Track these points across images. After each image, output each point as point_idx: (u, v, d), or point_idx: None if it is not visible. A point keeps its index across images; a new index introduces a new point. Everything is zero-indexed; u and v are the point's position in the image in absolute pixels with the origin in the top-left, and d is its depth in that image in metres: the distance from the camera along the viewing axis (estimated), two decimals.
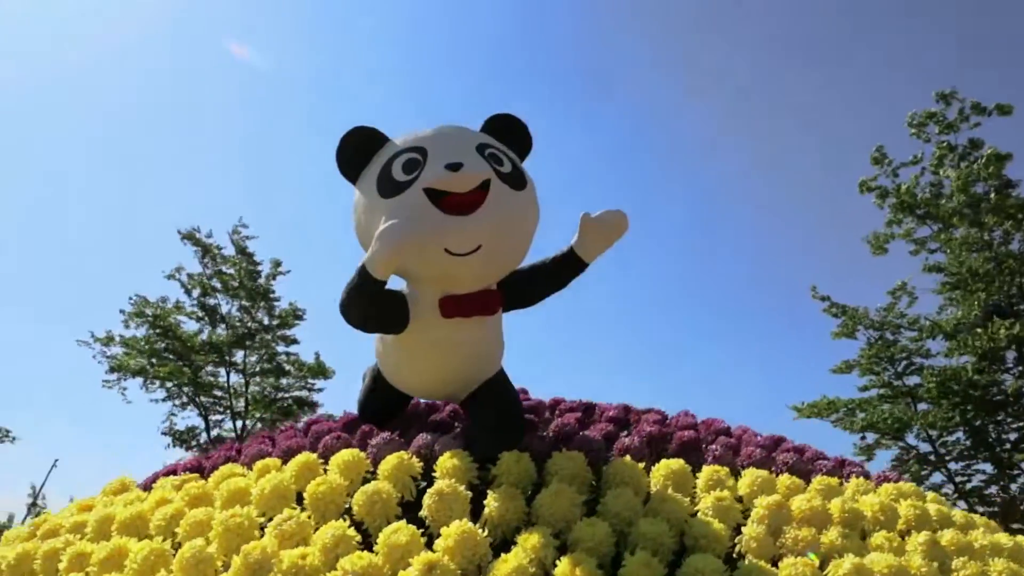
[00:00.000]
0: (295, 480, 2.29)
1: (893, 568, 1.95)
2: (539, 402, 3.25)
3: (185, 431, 15.82)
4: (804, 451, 2.90)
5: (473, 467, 2.23)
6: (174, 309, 15.47)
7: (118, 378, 14.96)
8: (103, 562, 2.03)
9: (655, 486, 2.25)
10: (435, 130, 2.30)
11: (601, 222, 2.40)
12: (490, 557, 1.87)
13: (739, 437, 2.99)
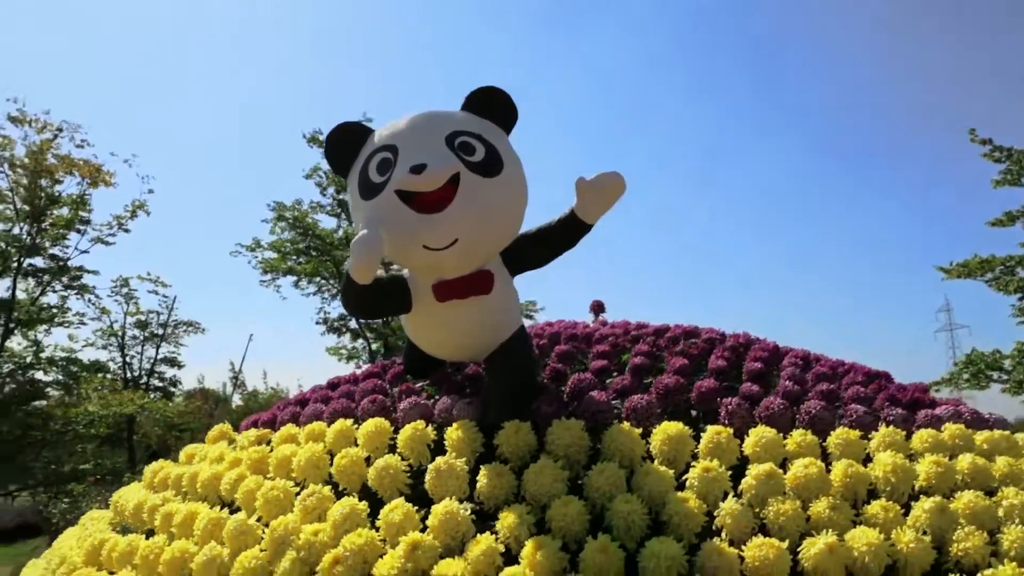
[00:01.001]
0: (334, 444, 2.61)
1: (874, 545, 1.93)
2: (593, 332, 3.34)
3: (337, 319, 17.45)
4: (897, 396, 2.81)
5: (479, 438, 2.41)
6: (310, 210, 16.63)
7: (272, 278, 16.62)
8: (180, 525, 2.49)
9: (657, 452, 2.31)
10: (407, 123, 2.30)
11: (596, 185, 2.35)
12: (473, 532, 2.07)
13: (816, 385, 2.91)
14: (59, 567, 2.76)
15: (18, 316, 15.05)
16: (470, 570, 1.92)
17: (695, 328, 3.90)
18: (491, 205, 2.22)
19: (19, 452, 14.05)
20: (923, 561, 1.95)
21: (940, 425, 2.62)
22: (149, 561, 2.36)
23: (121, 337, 23.42)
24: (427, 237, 2.19)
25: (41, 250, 15.61)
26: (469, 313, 2.43)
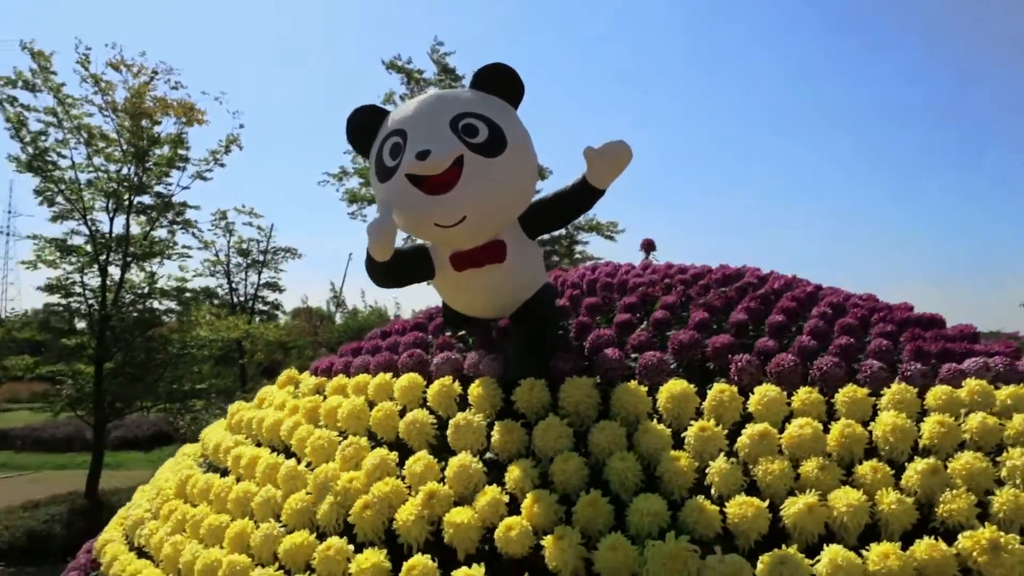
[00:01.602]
0: (375, 397, 2.90)
1: (854, 506, 2.03)
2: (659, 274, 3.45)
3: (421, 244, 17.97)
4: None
5: (499, 394, 2.62)
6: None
7: (359, 207, 17.21)
8: (245, 467, 2.87)
9: (662, 410, 2.45)
10: (415, 108, 2.41)
11: (604, 154, 2.42)
12: (484, 483, 2.32)
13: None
14: (156, 496, 3.25)
15: (133, 251, 16.37)
16: (477, 518, 2.17)
17: (739, 271, 3.93)
18: (495, 183, 2.33)
19: (145, 374, 15.61)
20: (903, 522, 2.03)
21: (961, 380, 2.61)
22: (220, 498, 2.77)
23: (226, 265, 25.15)
24: (437, 216, 2.34)
25: (147, 188, 16.72)
26: (487, 279, 2.59)
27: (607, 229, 17.31)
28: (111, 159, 16.31)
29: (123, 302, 16.48)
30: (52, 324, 16.09)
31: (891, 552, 1.91)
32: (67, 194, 16.01)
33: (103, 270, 16.24)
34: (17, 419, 25.55)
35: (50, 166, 15.86)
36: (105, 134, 16.17)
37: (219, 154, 17.69)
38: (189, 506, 2.95)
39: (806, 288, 3.49)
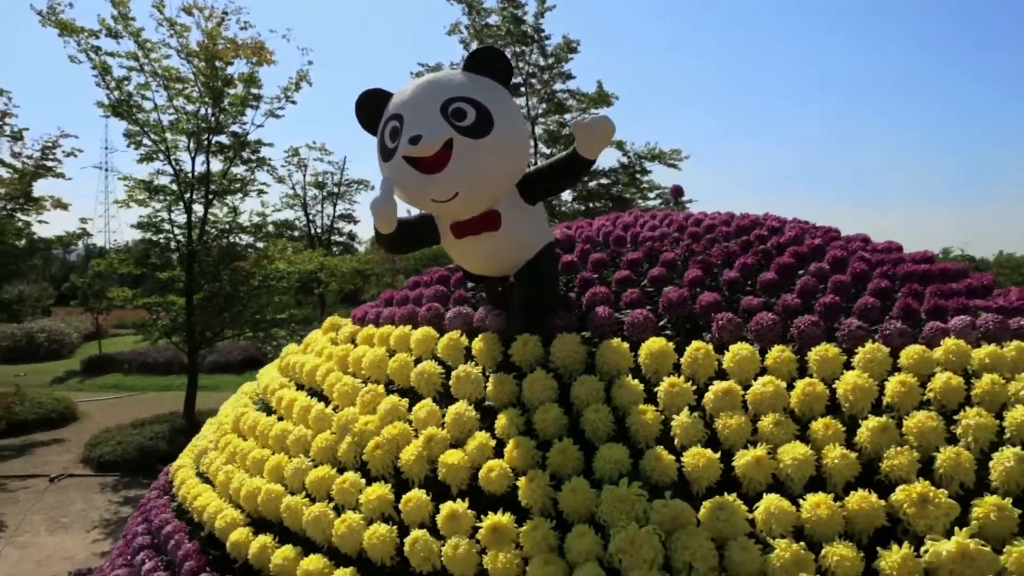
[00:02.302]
0: (396, 347, 3.24)
1: (799, 459, 2.23)
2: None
3: None
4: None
5: (499, 348, 2.90)
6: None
7: None
8: (285, 408, 3.29)
9: (643, 366, 2.68)
10: (411, 93, 2.61)
11: (590, 127, 2.59)
12: (477, 428, 2.63)
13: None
14: (217, 430, 3.76)
15: (214, 188, 17.30)
16: (466, 459, 2.50)
17: (756, 221, 4.01)
18: (483, 162, 2.53)
19: (230, 305, 16.78)
20: (845, 475, 2.22)
21: (940, 339, 2.70)
22: (264, 435, 3.21)
23: (303, 198, 26.16)
24: (432, 193, 2.58)
25: (224, 128, 17.48)
26: (484, 245, 2.83)
27: (670, 157, 16.98)
28: (190, 99, 17.08)
29: (208, 237, 17.56)
30: (146, 259, 17.37)
31: (823, 502, 2.12)
32: (151, 136, 16.97)
33: (188, 208, 17.30)
34: (124, 344, 27.91)
35: (134, 109, 16.78)
36: (182, 77, 16.92)
37: (290, 91, 18.20)
38: (240, 440, 3.42)
39: (814, 241, 3.56)
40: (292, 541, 2.69)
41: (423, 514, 2.42)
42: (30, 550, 10.68)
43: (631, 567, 2.03)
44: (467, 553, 2.22)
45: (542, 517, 2.25)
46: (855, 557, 2.02)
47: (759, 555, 2.04)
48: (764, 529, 2.12)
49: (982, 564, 1.98)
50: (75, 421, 18.18)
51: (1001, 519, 2.09)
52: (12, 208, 19.37)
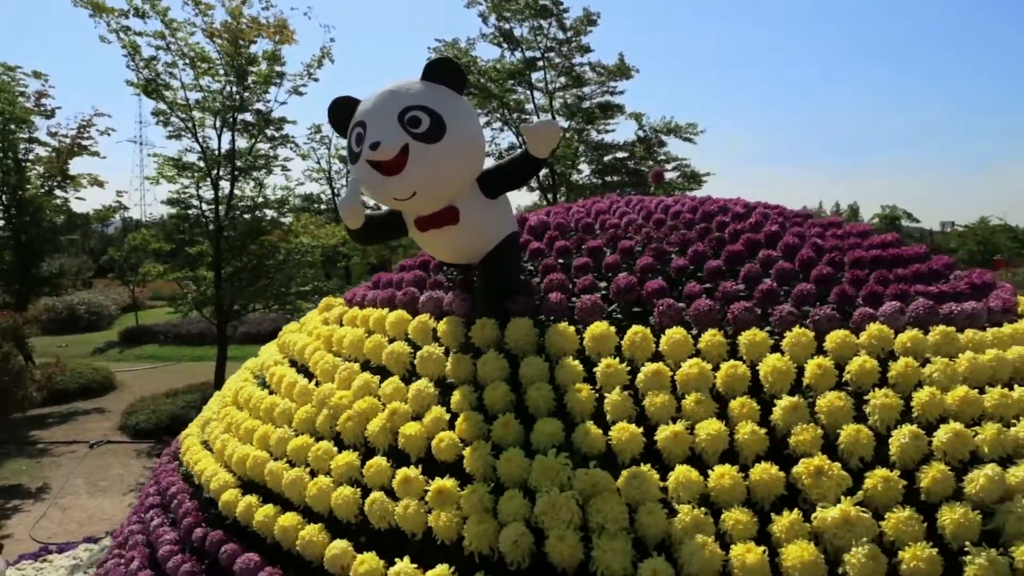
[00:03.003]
0: (374, 328, 3.54)
1: (712, 435, 2.48)
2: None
3: (507, 149, 18.35)
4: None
5: (462, 331, 3.17)
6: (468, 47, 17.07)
7: None
8: (275, 383, 3.62)
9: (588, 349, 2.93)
10: (372, 103, 2.85)
11: (537, 131, 2.83)
12: (435, 403, 2.92)
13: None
14: (220, 401, 4.12)
15: (239, 165, 17.76)
16: (423, 430, 2.79)
17: (724, 205, 4.20)
18: (437, 165, 2.78)
19: (256, 278, 17.33)
20: (754, 449, 2.46)
21: (865, 324, 2.90)
22: (256, 408, 3.55)
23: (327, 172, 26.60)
24: (393, 192, 2.84)
25: (248, 106, 17.87)
26: (445, 237, 3.09)
27: (686, 131, 16.94)
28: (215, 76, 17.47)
29: (234, 213, 18.07)
30: (175, 235, 17.98)
31: (727, 473, 2.37)
32: (179, 114, 17.45)
33: (215, 184, 17.80)
34: (160, 315, 28.88)
35: (162, 88, 17.24)
36: (208, 56, 17.31)
37: (313, 68, 18.47)
38: (237, 411, 3.77)
39: (772, 228, 3.75)
40: (274, 501, 3.03)
41: (383, 478, 2.73)
42: (72, 511, 11.40)
43: (551, 527, 2.31)
44: (416, 512, 2.53)
45: (483, 482, 2.54)
46: (749, 521, 2.28)
47: (664, 518, 2.31)
48: (674, 496, 2.38)
49: (861, 529, 2.22)
50: (113, 390, 19.04)
51: (887, 489, 2.32)
52: (51, 186, 20.14)
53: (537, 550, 2.33)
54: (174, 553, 3.16)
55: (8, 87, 18.38)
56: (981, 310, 3.18)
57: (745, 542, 2.22)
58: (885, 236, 4.07)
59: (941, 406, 2.60)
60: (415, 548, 2.54)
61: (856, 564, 2.16)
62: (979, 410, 2.62)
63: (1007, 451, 2.49)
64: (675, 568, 2.21)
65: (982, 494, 2.34)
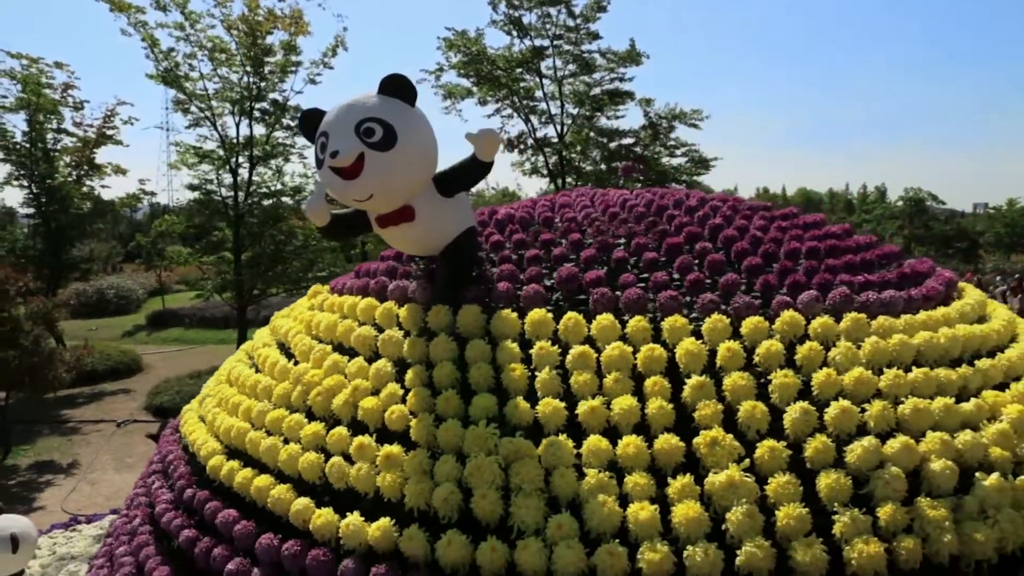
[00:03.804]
0: (348, 312, 3.90)
1: (625, 409, 2.81)
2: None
3: (516, 136, 18.63)
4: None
5: (421, 316, 3.52)
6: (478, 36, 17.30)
7: (452, 103, 17.99)
8: (261, 363, 4.02)
9: (528, 333, 3.26)
10: (334, 114, 3.18)
11: (478, 139, 3.17)
12: (393, 380, 3.28)
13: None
14: (217, 379, 4.53)
15: (257, 153, 18.27)
16: (379, 404, 3.16)
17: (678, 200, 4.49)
18: (390, 170, 3.11)
19: (275, 263, 17.89)
20: (661, 423, 2.79)
21: (780, 311, 3.20)
22: (243, 384, 3.95)
23: None
24: (352, 195, 3.19)
25: (265, 95, 18.34)
26: (403, 233, 3.43)
27: (691, 117, 17.04)
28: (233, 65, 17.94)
29: (253, 199, 18.60)
30: (196, 221, 18.58)
31: (632, 443, 2.70)
32: (198, 104, 17.95)
33: (234, 171, 18.31)
34: (185, 300, 29.71)
35: (182, 78, 17.75)
36: (226, 47, 17.77)
37: (327, 57, 18.86)
38: (229, 388, 4.18)
39: (715, 221, 4.04)
40: (253, 466, 3.42)
41: (343, 445, 3.11)
42: (100, 486, 12.07)
43: (476, 487, 2.67)
44: (366, 474, 2.91)
45: (425, 449, 2.91)
46: (647, 484, 2.61)
47: (575, 480, 2.65)
48: (587, 461, 2.72)
49: (744, 491, 2.55)
50: (140, 372, 19.80)
51: (772, 458, 2.65)
52: (79, 175, 20.86)
53: (465, 506, 2.69)
54: (169, 510, 3.58)
55: (33, 78, 19.03)
56: (898, 299, 3.45)
57: (642, 502, 2.56)
58: (831, 228, 4.33)
59: (837, 385, 2.90)
60: (368, 505, 2.91)
61: (735, 521, 2.49)
62: (873, 389, 2.92)
63: (891, 426, 2.80)
64: (580, 523, 2.56)
65: (859, 463, 2.65)
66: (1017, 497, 2.70)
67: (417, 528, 2.69)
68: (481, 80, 17.36)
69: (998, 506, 2.64)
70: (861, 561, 2.42)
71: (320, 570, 2.76)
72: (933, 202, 42.66)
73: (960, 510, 2.62)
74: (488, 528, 2.65)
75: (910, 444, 2.69)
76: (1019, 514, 2.64)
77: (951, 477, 2.66)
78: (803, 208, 21.21)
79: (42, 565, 7.92)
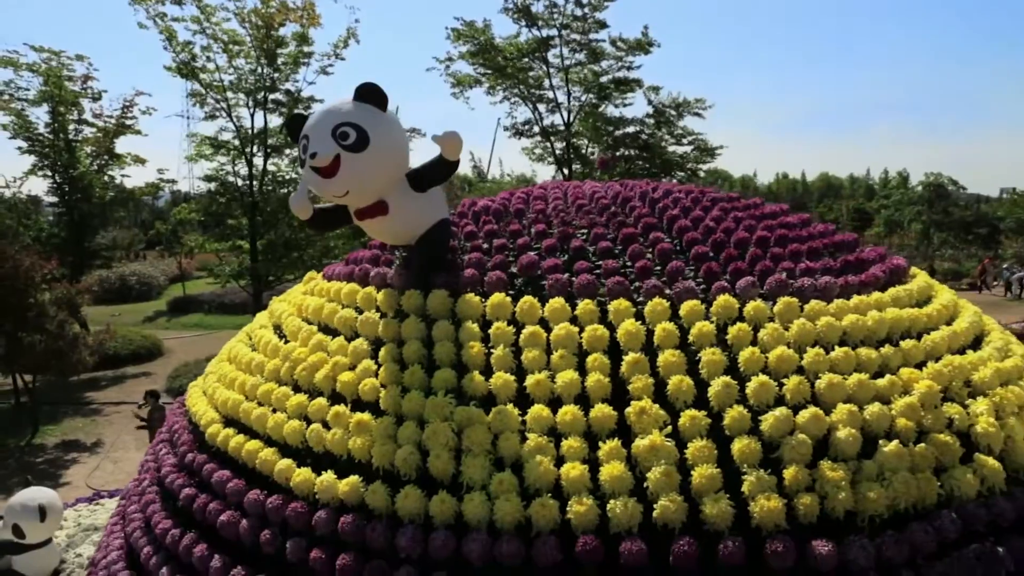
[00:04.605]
0: (334, 296, 4.29)
1: (566, 383, 3.16)
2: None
3: (523, 123, 18.93)
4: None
5: (396, 300, 3.90)
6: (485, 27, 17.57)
7: (461, 90, 18.31)
8: (256, 342, 4.43)
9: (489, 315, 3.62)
10: (314, 119, 3.55)
11: (442, 141, 3.52)
12: (368, 356, 3.66)
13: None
14: (219, 358, 4.96)
15: (271, 143, 18.73)
16: (355, 378, 3.54)
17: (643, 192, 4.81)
18: (363, 170, 3.47)
19: (289, 250, 18.39)
20: (599, 395, 3.13)
21: (688, 297, 3.51)
22: (240, 362, 4.36)
23: None
24: (330, 191, 3.56)
25: (278, 86, 18.77)
26: (379, 225, 3.80)
27: (694, 106, 17.21)
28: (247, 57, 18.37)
29: (268, 188, 19.09)
30: (213, 209, 19.12)
31: (570, 411, 3.06)
32: (214, 95, 18.42)
33: (249, 161, 18.78)
34: (205, 286, 30.42)
35: (198, 71, 18.22)
36: (240, 39, 18.20)
37: (340, 47, 19.22)
38: (228, 366, 4.59)
39: (672, 212, 4.36)
40: (246, 433, 3.83)
41: (322, 414, 3.50)
42: (122, 464, 12.66)
43: (432, 448, 3.05)
44: (340, 438, 3.30)
45: (392, 416, 3.29)
46: (581, 447, 2.98)
47: (518, 443, 3.02)
48: (531, 427, 3.09)
49: (664, 454, 2.90)
50: (161, 356, 20.44)
51: (692, 425, 2.99)
52: (100, 165, 21.48)
53: (423, 465, 3.08)
54: (172, 472, 4.01)
55: (55, 71, 19.62)
56: (833, 284, 3.76)
57: (574, 462, 2.92)
58: (786, 217, 4.64)
59: (761, 362, 3.23)
60: (342, 465, 3.31)
61: (654, 479, 2.85)
62: (794, 366, 3.24)
63: (805, 398, 3.13)
64: (520, 480, 2.93)
65: (771, 431, 2.99)
66: (916, 462, 3.02)
67: (380, 484, 3.08)
68: (489, 69, 17.65)
69: (895, 469, 2.96)
70: (762, 515, 2.77)
71: (297, 520, 3.17)
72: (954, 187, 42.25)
73: (859, 472, 2.95)
74: (441, 484, 3.03)
75: (818, 414, 3.02)
76: (913, 477, 2.96)
77: (854, 444, 2.99)
78: (822, 194, 21.44)
79: (68, 535, 8.47)
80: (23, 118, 20.13)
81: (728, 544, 2.71)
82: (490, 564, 2.82)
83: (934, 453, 3.08)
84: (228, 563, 3.31)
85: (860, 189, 67.07)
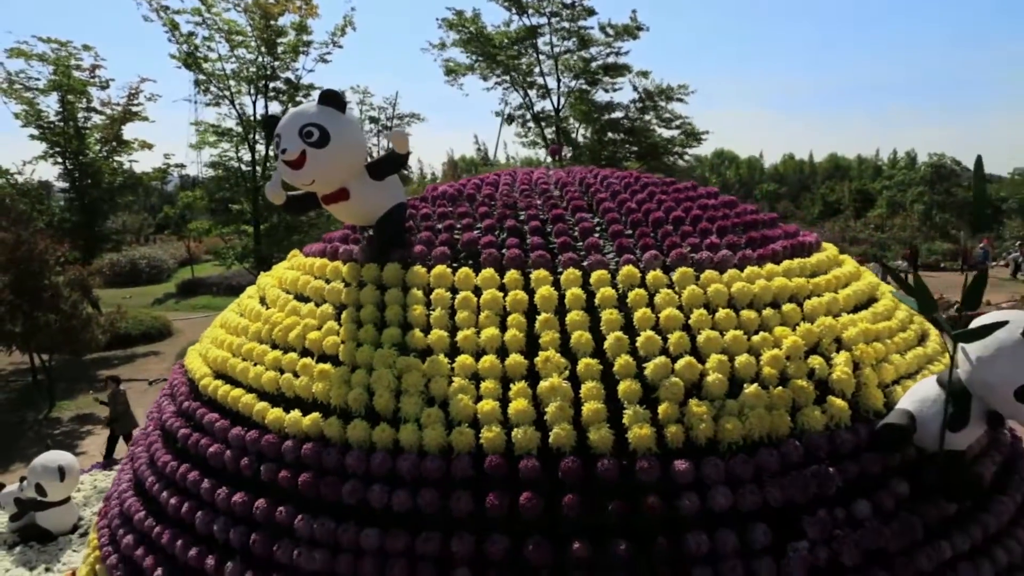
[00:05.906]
0: (308, 270, 4.99)
1: (488, 338, 3.86)
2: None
3: (516, 108, 19.51)
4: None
5: (358, 272, 4.59)
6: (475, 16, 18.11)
7: (454, 78, 18.90)
8: (245, 311, 5.14)
9: (433, 285, 4.31)
10: (285, 120, 4.22)
11: (392, 137, 4.21)
12: (333, 319, 4.36)
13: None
14: (214, 324, 5.68)
15: None
16: (321, 335, 4.25)
17: (582, 179, 5.47)
18: (324, 163, 4.15)
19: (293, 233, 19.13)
20: (515, 348, 3.83)
21: (598, 267, 4.18)
22: (229, 326, 5.08)
23: None
24: (299, 180, 4.24)
25: (278, 74, 19.40)
26: (342, 209, 4.49)
27: (677, 92, 17.72)
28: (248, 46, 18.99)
29: (271, 173, 19.82)
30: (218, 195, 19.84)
31: (489, 360, 3.76)
32: (217, 84, 19.07)
33: (251, 148, 19.46)
34: (213, 269, 31.24)
35: (201, 60, 18.87)
36: (241, 29, 18.81)
37: (337, 35, 19.80)
38: (221, 330, 5.30)
39: (601, 195, 5.02)
40: (232, 383, 4.55)
41: (293, 366, 4.21)
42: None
43: (376, 391, 3.77)
44: (306, 384, 4.02)
45: (348, 365, 4.00)
46: (495, 388, 3.68)
47: (446, 386, 3.73)
48: (458, 373, 3.79)
49: (560, 392, 3.60)
50: (170, 336, 21.27)
51: (587, 370, 3.69)
52: (108, 151, 22.23)
53: (370, 403, 3.79)
54: (172, 418, 4.75)
55: (63, 61, 20.31)
56: (730, 257, 4.42)
57: (489, 400, 3.62)
58: (710, 200, 5.28)
59: (651, 321, 3.91)
60: (308, 406, 4.02)
61: (551, 412, 3.55)
62: (680, 324, 3.92)
63: (687, 350, 3.80)
64: (446, 415, 3.64)
65: (652, 375, 3.68)
66: (773, 402, 3.69)
67: (335, 419, 3.80)
68: (480, 57, 18.23)
69: (753, 407, 3.63)
70: (635, 440, 3.46)
71: (269, 449, 3.90)
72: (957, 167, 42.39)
73: (723, 408, 3.63)
74: (383, 418, 3.74)
75: (691, 362, 3.70)
76: (768, 413, 3.64)
77: (720, 386, 3.67)
78: (829, 173, 21.74)
79: (84, 496, 9.32)
80: (34, 106, 20.91)
81: (604, 462, 3.41)
82: (416, 478, 3.53)
83: (791, 395, 3.75)
84: (215, 484, 4.05)
85: (868, 170, 66.96)
